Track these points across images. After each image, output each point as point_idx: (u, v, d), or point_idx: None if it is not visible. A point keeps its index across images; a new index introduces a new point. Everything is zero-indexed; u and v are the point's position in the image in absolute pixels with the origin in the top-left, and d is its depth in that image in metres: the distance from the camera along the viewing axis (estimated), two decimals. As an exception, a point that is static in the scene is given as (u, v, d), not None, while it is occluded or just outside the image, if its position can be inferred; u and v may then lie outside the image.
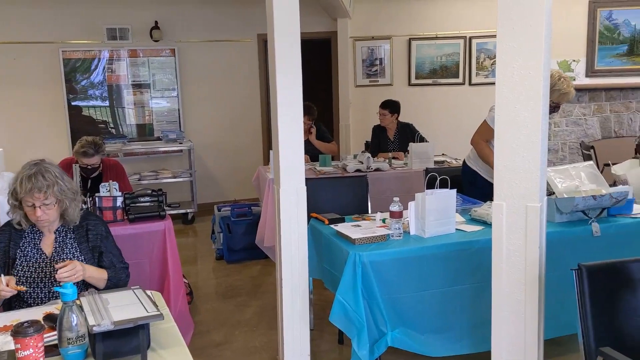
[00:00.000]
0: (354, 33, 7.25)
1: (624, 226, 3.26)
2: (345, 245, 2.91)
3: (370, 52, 7.31)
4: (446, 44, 7.24)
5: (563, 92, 3.61)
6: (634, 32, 7.06)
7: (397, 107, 5.70)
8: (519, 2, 2.29)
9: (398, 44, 7.28)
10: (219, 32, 7.10)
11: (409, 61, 7.30)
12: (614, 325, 2.17)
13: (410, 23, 7.21)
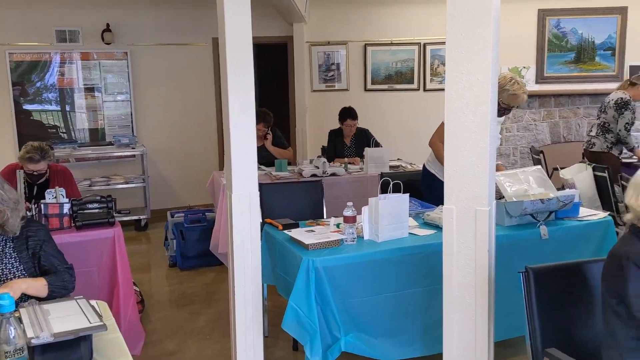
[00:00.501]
0: (310, 38, 7.26)
1: (571, 229, 3.34)
2: (299, 251, 2.89)
3: (326, 57, 7.34)
4: (401, 50, 7.32)
5: (512, 94, 3.68)
6: (580, 40, 7.30)
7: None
8: (467, 10, 2.32)
9: (354, 50, 7.33)
10: (173, 35, 7.00)
11: (365, 67, 7.35)
12: (560, 327, 2.22)
13: (365, 29, 7.27)
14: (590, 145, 5.63)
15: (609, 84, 7.02)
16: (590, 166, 5.04)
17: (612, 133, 5.44)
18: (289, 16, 6.80)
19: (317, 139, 6.96)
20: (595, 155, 5.51)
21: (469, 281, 2.46)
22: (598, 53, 7.31)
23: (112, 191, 6.09)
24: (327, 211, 4.27)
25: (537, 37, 7.26)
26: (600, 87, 7.17)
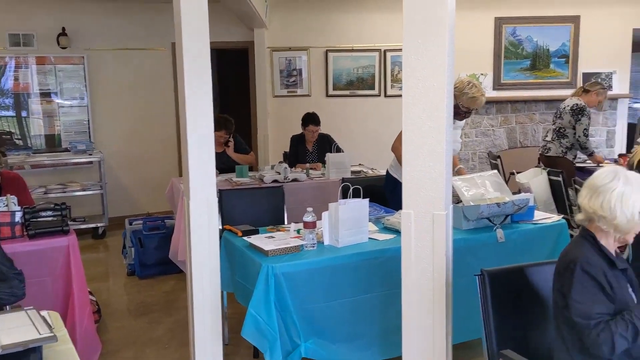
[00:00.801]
0: (271, 43, 7.25)
1: (526, 232, 3.41)
2: (258, 258, 2.87)
3: (287, 63, 7.34)
4: (362, 57, 7.38)
5: (471, 97, 3.74)
6: (535, 48, 7.48)
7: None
8: (422, 17, 2.35)
9: (315, 55, 7.34)
10: (132, 40, 6.90)
11: (327, 72, 7.38)
12: (515, 328, 2.26)
13: (327, 35, 7.30)
14: (545, 150, 5.77)
15: (563, 90, 7.22)
16: (546, 170, 5.17)
17: (567, 138, 5.59)
18: (249, 21, 6.78)
19: (279, 144, 6.94)
20: (550, 159, 5.65)
21: (427, 285, 2.48)
22: (552, 60, 7.51)
23: (69, 199, 5.95)
24: (288, 217, 4.26)
25: (494, 45, 7.42)
26: (554, 94, 7.36)
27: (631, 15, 7.37)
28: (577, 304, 1.91)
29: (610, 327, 1.87)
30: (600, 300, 1.91)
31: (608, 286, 1.93)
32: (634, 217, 1.95)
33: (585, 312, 1.89)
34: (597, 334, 1.87)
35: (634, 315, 1.89)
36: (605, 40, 7.42)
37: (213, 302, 3.04)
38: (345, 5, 7.20)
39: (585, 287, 1.91)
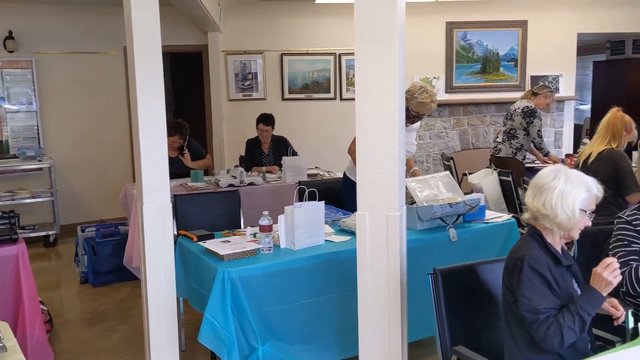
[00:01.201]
0: (225, 47, 7.21)
1: (477, 231, 3.50)
2: (214, 262, 2.86)
3: (242, 66, 7.31)
4: (317, 60, 7.42)
5: (420, 102, 3.78)
6: (486, 52, 7.68)
7: (274, 121, 5.75)
8: (373, 22, 2.39)
9: (270, 59, 7.34)
10: (83, 43, 6.75)
11: (282, 76, 7.38)
12: (467, 325, 2.32)
13: (282, 38, 7.31)
14: (496, 151, 5.92)
15: (512, 93, 7.42)
16: (496, 171, 5.30)
17: (517, 139, 5.75)
18: (203, 25, 6.73)
19: (235, 148, 6.91)
20: (501, 160, 5.80)
21: (382, 284, 2.53)
22: (502, 64, 7.72)
23: (18, 206, 5.78)
24: (245, 221, 4.25)
25: (446, 49, 7.57)
26: (504, 96, 7.56)
27: (575, 20, 7.64)
28: (525, 300, 1.97)
29: (558, 320, 1.94)
30: (547, 296, 1.98)
31: (554, 282, 2.00)
32: (575, 215, 2.01)
33: (534, 308, 1.96)
34: (546, 328, 1.93)
35: (579, 307, 1.95)
36: (551, 45, 7.68)
37: (169, 309, 3.01)
38: (299, 10, 7.23)
39: (532, 284, 1.98)
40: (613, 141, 3.82)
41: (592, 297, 1.96)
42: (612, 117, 3.87)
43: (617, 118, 3.85)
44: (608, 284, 1.94)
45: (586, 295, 1.98)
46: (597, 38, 9.25)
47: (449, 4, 7.29)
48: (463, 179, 6.02)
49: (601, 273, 1.95)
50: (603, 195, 2.09)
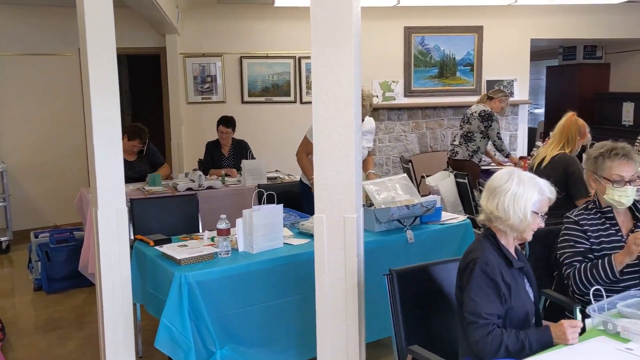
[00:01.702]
0: (183, 49, 7.14)
1: (434, 232, 3.56)
2: (171, 267, 2.83)
3: (201, 69, 7.25)
4: (277, 63, 7.42)
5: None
6: (443, 57, 7.81)
7: (235, 124, 5.73)
8: (329, 25, 2.41)
9: (229, 62, 7.31)
10: (37, 45, 6.59)
11: (242, 79, 7.36)
12: (423, 324, 2.36)
13: (241, 41, 7.28)
14: (453, 154, 6.03)
15: (469, 97, 7.57)
16: (453, 173, 5.40)
17: (474, 142, 5.87)
18: (160, 27, 6.65)
19: (194, 152, 6.85)
20: (458, 163, 5.92)
21: (339, 286, 2.55)
22: (459, 69, 7.87)
23: (-33, 212, 5.60)
24: (203, 225, 4.22)
25: (404, 53, 7.67)
26: (461, 100, 7.71)
27: (529, 26, 7.85)
28: (470, 301, 2.00)
29: (502, 334, 1.95)
30: (493, 301, 1.99)
31: (504, 286, 2.03)
32: (527, 217, 2.05)
33: (477, 311, 1.98)
34: (485, 334, 1.95)
35: (527, 337, 1.96)
36: (506, 50, 7.87)
37: (125, 315, 2.96)
38: (258, 13, 7.22)
39: (481, 287, 2.00)
40: (567, 146, 3.89)
41: (544, 338, 1.98)
42: (567, 121, 3.94)
43: (571, 123, 3.92)
44: (565, 340, 1.95)
45: (541, 333, 2.00)
46: (550, 44, 9.54)
47: (406, 9, 7.40)
48: (421, 181, 6.11)
49: (566, 330, 1.95)
50: (556, 197, 2.14)
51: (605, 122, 8.72)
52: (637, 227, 2.54)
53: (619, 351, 1.87)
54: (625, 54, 9.08)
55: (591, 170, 2.61)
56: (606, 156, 2.55)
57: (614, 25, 8.03)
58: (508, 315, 2.04)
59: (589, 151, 2.70)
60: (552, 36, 8.08)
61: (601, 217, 2.57)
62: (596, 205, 2.60)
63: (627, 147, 2.57)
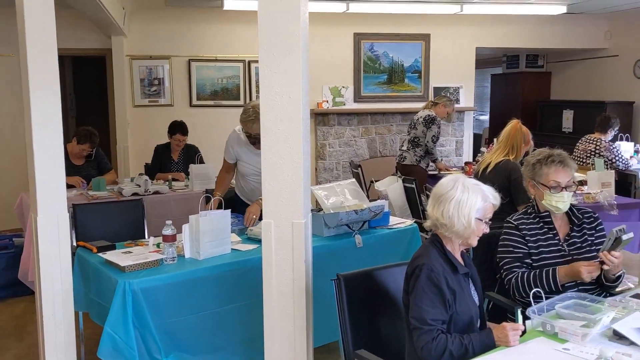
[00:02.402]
0: (130, 51, 6.99)
1: (382, 236, 3.60)
2: (114, 274, 2.76)
3: (148, 72, 7.12)
4: (226, 67, 7.36)
5: (242, 121, 3.76)
6: (392, 63, 7.93)
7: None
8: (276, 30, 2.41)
9: (178, 65, 7.20)
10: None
11: (190, 82, 7.26)
12: (370, 328, 2.38)
13: (189, 44, 7.19)
14: (402, 159, 6.12)
15: (417, 103, 7.69)
16: (401, 178, 5.48)
17: (421, 147, 5.98)
18: (106, 29, 6.50)
19: (140, 156, 6.71)
20: (406, 168, 6.01)
21: (287, 291, 2.54)
22: (407, 75, 8.00)
23: None
24: (149, 231, 4.13)
25: (354, 59, 7.75)
26: (409, 106, 7.82)
27: (474, 34, 8.07)
28: (415, 307, 2.03)
29: (447, 341, 1.99)
30: (437, 307, 2.03)
31: (449, 293, 2.06)
32: (471, 224, 2.09)
33: (421, 317, 2.01)
34: (429, 340, 1.98)
35: (471, 342, 2.01)
36: (452, 58, 8.05)
37: (67, 324, 2.87)
38: (207, 15, 7.15)
39: (426, 293, 2.03)
40: (512, 152, 4.00)
41: (487, 341, 2.02)
42: (512, 129, 4.05)
43: (516, 130, 4.03)
44: (506, 342, 2.00)
45: (483, 337, 2.04)
46: (494, 52, 9.83)
47: (356, 16, 7.47)
48: (370, 186, 6.18)
49: (507, 332, 2.00)
50: (500, 203, 2.19)
51: (546, 129, 9.04)
52: (573, 231, 2.64)
53: (557, 351, 1.94)
54: (565, 63, 9.45)
55: (530, 176, 2.70)
56: (543, 163, 2.64)
57: (554, 36, 8.35)
58: (453, 320, 2.08)
59: (527, 158, 2.80)
60: (496, 45, 8.33)
61: (540, 222, 2.66)
62: (535, 210, 2.69)
63: (564, 154, 2.67)
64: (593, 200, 4.43)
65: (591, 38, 8.48)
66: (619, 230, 2.34)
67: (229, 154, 3.96)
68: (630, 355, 1.83)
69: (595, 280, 2.55)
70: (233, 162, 3.96)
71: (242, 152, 3.88)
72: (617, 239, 2.34)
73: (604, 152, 5.82)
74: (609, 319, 2.05)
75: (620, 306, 2.23)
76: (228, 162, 3.98)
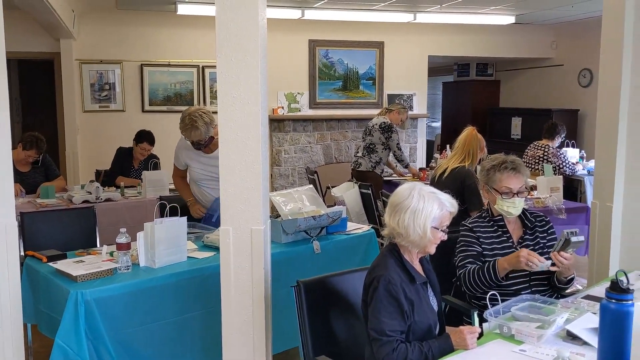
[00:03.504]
0: (80, 55, 6.82)
1: (340, 242, 3.61)
2: (66, 284, 2.67)
3: (99, 76, 6.95)
4: (179, 72, 7.27)
5: (182, 130, 3.72)
6: (346, 70, 8.00)
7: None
8: (234, 35, 2.40)
9: (129, 69, 7.07)
10: None
11: (142, 87, 7.13)
12: (330, 335, 2.37)
13: (141, 48, 7.07)
14: (357, 165, 6.17)
15: (371, 110, 7.78)
16: (357, 184, 5.52)
17: (376, 153, 6.04)
18: (54, 31, 6.32)
19: (91, 162, 6.54)
20: (361, 174, 6.06)
21: (246, 299, 2.52)
22: (361, 82, 8.08)
23: None
24: (102, 240, 4.04)
25: (309, 66, 7.78)
26: (364, 113, 7.91)
27: (426, 43, 8.22)
28: (374, 319, 2.03)
29: (407, 350, 1.99)
30: (396, 318, 2.03)
31: (407, 303, 2.06)
32: (426, 233, 2.08)
33: (380, 328, 2.01)
34: (390, 350, 1.98)
35: (431, 349, 2.02)
36: (405, 65, 8.19)
37: (14, 336, 2.75)
38: (160, 20, 7.05)
39: (383, 305, 2.02)
40: (467, 158, 4.09)
41: (445, 347, 2.05)
42: (468, 135, 4.14)
43: (472, 137, 4.13)
44: (465, 345, 2.03)
45: (442, 342, 2.06)
46: (446, 61, 10.05)
47: (311, 23, 7.51)
48: (327, 192, 6.20)
49: (465, 336, 2.04)
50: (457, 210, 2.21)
51: (496, 136, 9.28)
52: (526, 234, 2.72)
53: (513, 353, 1.98)
54: (513, 72, 9.74)
55: (484, 181, 2.76)
56: (497, 169, 2.70)
57: (503, 45, 8.60)
58: (411, 330, 2.08)
59: (483, 163, 2.86)
60: (448, 53, 8.52)
61: (494, 225, 2.72)
62: (489, 214, 2.75)
63: (517, 161, 2.74)
64: (542, 205, 4.57)
65: (538, 48, 8.77)
66: (570, 232, 2.42)
67: (178, 160, 3.97)
68: (583, 355, 1.89)
69: (546, 282, 2.63)
70: (184, 169, 3.97)
71: (191, 158, 3.85)
72: (567, 240, 2.42)
73: (551, 158, 6.01)
74: (562, 320, 2.11)
75: (573, 307, 2.30)
76: (179, 168, 4.00)
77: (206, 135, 3.68)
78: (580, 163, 6.48)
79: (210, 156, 3.79)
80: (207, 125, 3.64)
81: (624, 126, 3.16)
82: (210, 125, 3.67)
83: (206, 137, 3.69)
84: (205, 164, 3.81)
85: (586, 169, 6.23)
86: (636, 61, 3.11)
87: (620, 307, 1.64)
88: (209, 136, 3.69)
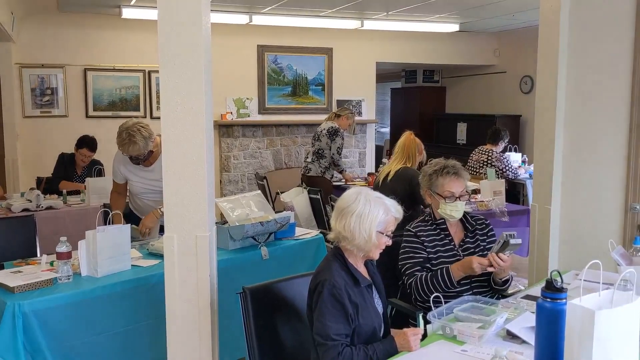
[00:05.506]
0: (20, 59, 6.59)
1: (288, 247, 3.60)
2: (2, 296, 2.56)
3: (40, 81, 6.74)
4: (125, 77, 7.12)
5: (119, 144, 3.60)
6: (296, 76, 8.01)
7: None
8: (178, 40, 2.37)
9: (73, 74, 6.87)
10: None
11: (86, 92, 6.95)
12: (277, 342, 2.36)
13: (85, 52, 6.88)
14: (307, 170, 6.19)
15: (321, 115, 7.81)
16: (307, 189, 5.54)
17: (325, 159, 6.07)
18: (-8, 34, 6.09)
19: (31, 169, 6.33)
20: (311, 179, 6.08)
21: (192, 307, 2.49)
22: (311, 88, 8.11)
23: None
24: (43, 249, 3.88)
25: (258, 71, 7.75)
26: (313, 118, 7.93)
27: (374, 49, 8.33)
28: (319, 324, 2.04)
29: (352, 354, 2.01)
30: (341, 322, 2.04)
31: (352, 306, 2.08)
32: (372, 238, 2.11)
33: (325, 333, 2.02)
34: (335, 355, 1.99)
35: (376, 352, 2.04)
36: (354, 71, 8.27)
37: (-54, 353, 2.63)
38: (104, 23, 6.88)
39: (328, 309, 2.04)
40: (408, 161, 4.24)
41: (389, 349, 2.07)
42: (406, 140, 4.30)
43: (410, 141, 4.28)
44: (408, 347, 2.05)
45: (386, 345, 2.08)
46: (394, 67, 10.21)
47: (259, 28, 7.49)
48: (276, 197, 6.18)
49: (409, 338, 2.06)
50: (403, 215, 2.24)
51: (442, 141, 9.49)
52: (467, 237, 2.78)
53: (455, 353, 2.02)
54: (458, 79, 9.98)
55: (426, 186, 2.81)
56: (439, 174, 2.76)
57: (448, 53, 8.80)
58: (356, 333, 2.10)
59: (424, 168, 2.92)
60: (395, 60, 8.66)
61: (436, 229, 2.77)
62: (432, 217, 2.81)
63: (458, 165, 2.80)
64: (486, 208, 4.69)
65: (482, 55, 9.02)
66: (508, 235, 2.49)
67: (117, 175, 3.82)
68: (522, 353, 1.95)
69: (487, 284, 2.70)
70: (123, 183, 3.83)
71: (130, 172, 3.75)
72: (505, 242, 2.49)
73: (495, 163, 6.19)
74: (502, 319, 2.16)
75: (513, 307, 2.37)
76: (118, 182, 3.85)
77: (145, 150, 3.54)
78: (523, 167, 6.68)
79: (150, 169, 3.70)
80: (145, 140, 3.51)
81: (560, 131, 3.29)
82: (149, 139, 3.54)
83: (145, 151, 3.55)
84: (145, 177, 3.72)
85: (528, 173, 6.44)
86: (571, 69, 3.24)
87: (555, 306, 1.70)
88: (147, 150, 3.57)
